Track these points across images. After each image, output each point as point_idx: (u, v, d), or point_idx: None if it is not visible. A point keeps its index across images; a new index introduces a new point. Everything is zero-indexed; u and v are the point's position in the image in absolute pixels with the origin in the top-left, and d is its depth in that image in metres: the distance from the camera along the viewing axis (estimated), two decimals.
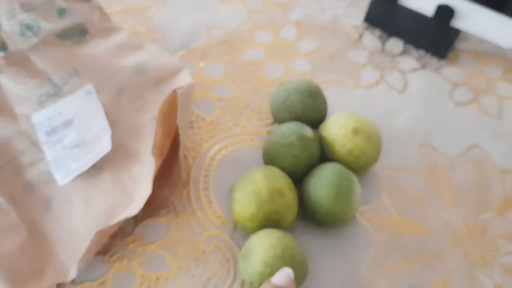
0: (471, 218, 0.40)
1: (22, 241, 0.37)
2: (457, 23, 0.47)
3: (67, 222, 0.39)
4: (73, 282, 0.37)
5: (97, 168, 0.41)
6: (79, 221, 0.39)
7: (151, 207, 0.41)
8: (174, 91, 0.38)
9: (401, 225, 0.40)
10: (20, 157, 0.41)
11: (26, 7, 0.42)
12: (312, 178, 0.38)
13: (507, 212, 0.41)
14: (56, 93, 0.43)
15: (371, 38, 0.52)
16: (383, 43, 0.52)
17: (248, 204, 0.36)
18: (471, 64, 0.50)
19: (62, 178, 0.40)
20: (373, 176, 0.43)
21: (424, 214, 0.41)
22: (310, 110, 0.41)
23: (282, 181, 0.36)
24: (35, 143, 0.42)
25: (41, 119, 0.42)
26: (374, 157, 0.40)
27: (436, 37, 0.49)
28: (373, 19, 0.52)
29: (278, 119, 0.43)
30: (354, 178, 0.38)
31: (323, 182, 0.37)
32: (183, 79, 0.42)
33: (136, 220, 0.40)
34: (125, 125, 0.43)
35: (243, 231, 0.39)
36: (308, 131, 0.39)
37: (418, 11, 0.49)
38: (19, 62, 0.43)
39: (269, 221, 0.36)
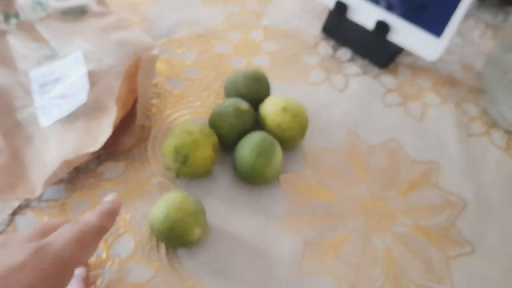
0: (377, 193, 0.48)
1: (5, 161, 0.46)
2: (392, 37, 0.56)
3: (42, 154, 0.48)
4: (40, 199, 0.45)
5: (75, 116, 0.50)
6: (51, 155, 0.48)
7: (113, 151, 0.49)
8: (139, 58, 0.47)
9: (316, 192, 0.48)
10: (15, 101, 0.51)
11: None
12: (241, 141, 0.46)
13: (410, 193, 0.48)
14: (53, 56, 0.53)
15: (325, 46, 0.62)
16: (335, 51, 0.61)
17: (166, 142, 0.45)
18: (407, 75, 0.59)
19: (45, 120, 0.49)
20: (301, 152, 0.51)
21: (338, 186, 0.48)
22: (253, 92, 0.50)
23: (196, 126, 0.45)
24: (28, 92, 0.51)
25: (37, 74, 0.52)
26: (298, 133, 0.48)
27: (377, 49, 0.58)
28: (328, 30, 0.61)
29: (228, 97, 0.52)
30: (276, 144, 0.46)
31: (248, 143, 0.45)
32: (151, 52, 0.52)
33: (99, 160, 0.49)
34: (103, 85, 0.52)
35: (184, 179, 0.47)
36: (243, 105, 0.48)
37: (362, 25, 0.58)
38: (27, 29, 0.53)
39: (177, 155, 0.44)
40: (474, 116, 0.55)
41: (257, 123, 0.50)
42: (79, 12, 0.55)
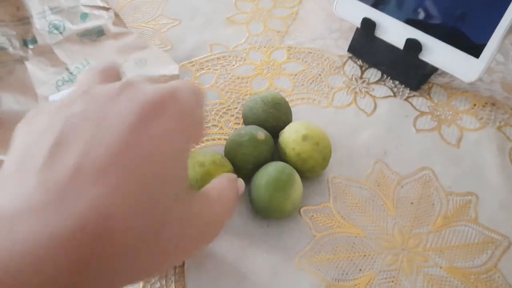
0: (408, 229, 0.43)
1: None
2: (425, 56, 0.52)
3: None
4: None
5: None
6: None
7: None
8: (160, 78, 0.46)
9: (340, 226, 0.44)
10: None
11: (54, 10, 0.52)
12: (258, 172, 0.43)
13: (444, 229, 0.43)
14: (71, 79, 0.52)
15: (353, 66, 0.58)
16: (363, 72, 0.57)
17: None
18: (442, 97, 0.54)
19: None
20: (324, 181, 0.47)
21: (364, 220, 0.44)
22: (272, 118, 0.47)
23: (208, 157, 0.42)
24: None
25: (55, 99, 0.51)
26: (320, 163, 0.45)
27: (408, 69, 0.54)
28: (355, 49, 0.58)
29: (246, 124, 0.49)
30: (295, 175, 0.43)
31: (265, 174, 0.42)
32: (171, 72, 0.50)
33: None
34: None
35: None
36: (260, 134, 0.45)
37: (391, 43, 0.54)
38: (44, 53, 0.53)
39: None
40: None
41: (277, 152, 0.47)
42: (97, 34, 0.54)
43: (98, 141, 0.20)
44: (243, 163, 0.44)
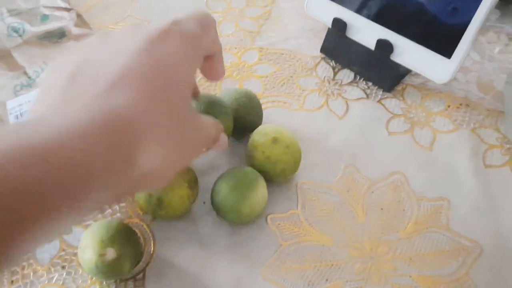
0: (377, 236, 0.42)
1: None
2: (396, 57, 0.50)
3: None
4: None
5: None
6: None
7: None
8: None
9: (308, 234, 0.42)
10: None
11: (13, 12, 0.50)
12: (223, 174, 0.42)
13: (414, 236, 0.42)
14: (29, 84, 0.50)
15: (326, 68, 0.56)
16: (335, 73, 0.56)
17: None
18: (415, 98, 0.53)
19: None
20: (292, 187, 0.45)
21: (332, 227, 0.43)
22: (243, 108, 0.46)
23: None
24: (5, 124, 0.49)
25: (13, 105, 0.49)
26: (291, 166, 0.43)
27: (382, 70, 0.52)
28: (328, 50, 0.56)
29: None
30: (259, 180, 0.41)
31: (226, 177, 0.41)
32: None
33: None
34: None
35: (162, 220, 0.43)
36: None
37: (363, 44, 0.52)
38: (3, 58, 0.51)
39: (152, 198, 0.40)
40: (493, 143, 0.49)
41: (245, 157, 0.45)
42: (58, 35, 0.52)
43: (110, 63, 0.24)
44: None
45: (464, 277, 0.39)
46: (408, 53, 0.49)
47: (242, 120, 0.46)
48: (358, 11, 0.51)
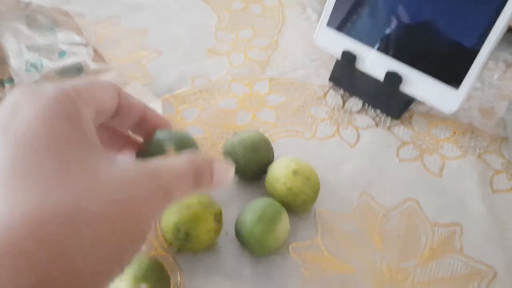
0: (395, 263, 0.44)
1: None
2: (405, 88, 0.53)
3: None
4: None
5: None
6: None
7: None
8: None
9: (329, 263, 0.44)
10: None
11: (31, 48, 0.51)
12: (246, 206, 0.43)
13: (430, 262, 0.44)
14: None
15: (335, 96, 0.58)
16: (344, 101, 0.58)
17: (165, 217, 0.42)
18: (422, 126, 0.55)
19: None
20: (311, 216, 0.47)
21: (352, 256, 0.44)
22: (252, 163, 0.47)
23: (194, 198, 0.42)
24: None
25: None
26: (311, 197, 0.45)
27: (389, 99, 0.55)
28: (336, 79, 0.58)
29: None
30: (283, 212, 0.43)
31: (252, 207, 0.42)
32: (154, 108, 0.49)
33: None
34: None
35: (187, 253, 0.44)
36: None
37: (372, 75, 0.54)
38: None
39: (178, 232, 0.41)
40: (498, 169, 0.51)
41: (264, 190, 0.47)
42: (76, 71, 0.53)
43: None
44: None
45: None
46: (417, 84, 0.52)
47: (254, 172, 0.47)
48: (368, 43, 0.54)
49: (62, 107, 0.21)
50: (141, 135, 0.31)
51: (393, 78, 0.52)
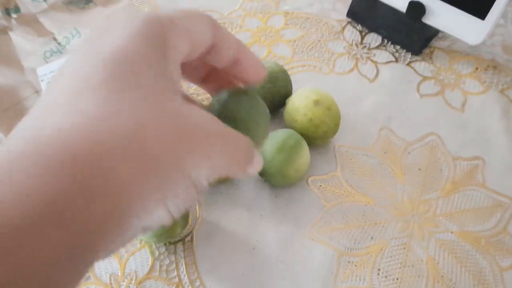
0: (417, 196, 0.43)
1: None
2: (428, 19, 0.50)
3: None
4: None
5: None
6: None
7: None
8: None
9: (349, 195, 0.43)
10: (24, 102, 0.47)
11: None
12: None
13: (452, 194, 0.43)
14: (59, 50, 0.49)
15: (353, 31, 0.56)
16: (363, 37, 0.56)
17: None
18: (444, 61, 0.53)
19: None
20: (331, 150, 0.46)
21: (373, 188, 0.44)
22: (269, 94, 0.45)
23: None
24: (37, 92, 0.48)
25: (44, 71, 0.48)
26: (332, 128, 0.44)
27: (410, 33, 0.52)
28: (355, 14, 0.56)
29: None
30: (303, 142, 0.41)
31: (272, 137, 0.41)
32: None
33: None
34: None
35: None
36: None
37: (393, 7, 0.52)
38: (29, 23, 0.49)
39: None
40: None
41: (283, 122, 0.46)
42: (84, 1, 0.51)
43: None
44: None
45: (502, 232, 0.41)
46: (441, 15, 0.49)
47: (271, 103, 0.46)
48: None
49: (154, 34, 0.20)
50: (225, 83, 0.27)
51: (417, 9, 0.50)
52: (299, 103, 0.43)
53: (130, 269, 0.39)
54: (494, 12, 0.46)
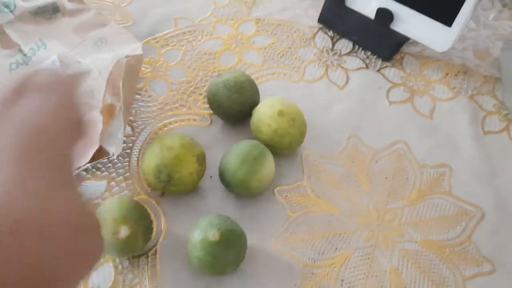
0: (383, 204, 0.43)
1: None
2: (396, 26, 0.50)
3: None
4: None
5: None
6: None
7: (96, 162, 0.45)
8: (123, 59, 0.42)
9: (315, 205, 0.43)
10: None
11: None
12: (229, 150, 0.42)
13: (418, 202, 0.43)
14: (25, 62, 0.48)
15: (324, 38, 0.56)
16: (334, 43, 0.55)
17: (146, 160, 0.41)
18: (414, 67, 0.53)
19: None
20: (297, 159, 0.46)
21: (339, 197, 0.43)
22: (236, 104, 0.45)
23: (176, 140, 0.40)
24: None
25: (10, 83, 0.48)
26: (297, 139, 0.44)
27: (380, 39, 0.52)
28: (326, 20, 0.56)
29: (212, 109, 0.47)
30: (267, 153, 0.41)
31: (235, 151, 0.41)
32: (135, 52, 0.47)
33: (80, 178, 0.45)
34: (84, 90, 0.47)
35: (170, 196, 0.43)
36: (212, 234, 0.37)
37: (362, 13, 0.52)
38: None
39: (160, 174, 0.40)
40: (490, 110, 0.50)
41: (249, 133, 0.45)
42: (51, 11, 0.50)
43: None
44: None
45: (467, 240, 0.41)
46: (408, 21, 0.49)
47: (238, 113, 0.46)
48: None
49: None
50: None
51: (384, 16, 0.50)
52: (264, 114, 0.43)
53: (93, 283, 0.39)
54: (461, 19, 0.46)
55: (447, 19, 0.46)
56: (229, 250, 0.36)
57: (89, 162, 0.43)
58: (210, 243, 0.35)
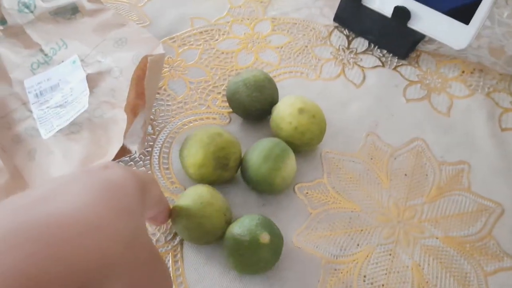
0: (402, 201, 0.43)
1: (4, 181, 0.43)
2: (413, 24, 0.51)
3: (46, 169, 0.44)
4: None
5: (78, 125, 0.46)
6: (56, 169, 0.44)
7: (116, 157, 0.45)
8: (145, 58, 0.43)
9: (335, 202, 0.43)
10: (12, 114, 0.47)
11: None
12: (253, 145, 0.42)
13: (438, 199, 0.44)
14: (46, 61, 0.49)
15: (340, 36, 0.56)
16: (350, 42, 0.56)
17: (195, 152, 0.40)
18: (430, 65, 0.53)
19: (45, 133, 0.46)
20: (318, 157, 0.46)
21: (359, 194, 0.44)
22: (257, 102, 0.45)
23: (217, 129, 0.42)
24: (25, 103, 0.48)
25: (32, 83, 0.49)
26: (317, 135, 0.44)
27: (397, 38, 0.53)
28: (341, 18, 0.56)
29: (232, 108, 0.48)
30: (290, 151, 0.42)
31: (258, 146, 0.42)
32: (156, 51, 0.47)
33: None
34: (105, 89, 0.48)
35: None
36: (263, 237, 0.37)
37: (379, 12, 0.52)
38: (16, 35, 0.49)
39: (219, 160, 0.40)
40: (507, 107, 0.50)
41: (269, 131, 0.46)
42: (70, 11, 0.51)
43: None
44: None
45: (487, 236, 0.41)
46: (426, 19, 0.50)
47: (258, 111, 0.46)
48: None
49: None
50: None
51: (402, 14, 0.50)
52: (284, 111, 0.44)
53: None
54: (478, 17, 0.46)
55: (465, 17, 0.47)
56: (274, 253, 0.37)
57: (113, 160, 0.43)
58: (259, 245, 0.36)
